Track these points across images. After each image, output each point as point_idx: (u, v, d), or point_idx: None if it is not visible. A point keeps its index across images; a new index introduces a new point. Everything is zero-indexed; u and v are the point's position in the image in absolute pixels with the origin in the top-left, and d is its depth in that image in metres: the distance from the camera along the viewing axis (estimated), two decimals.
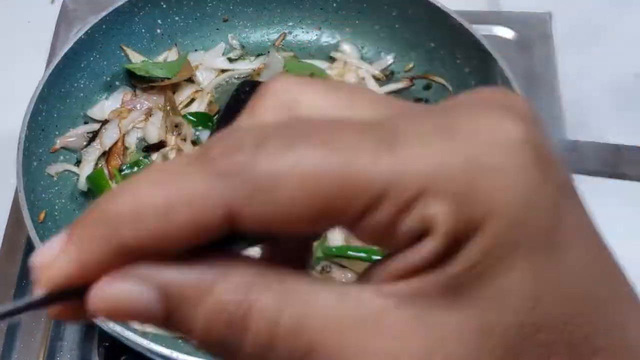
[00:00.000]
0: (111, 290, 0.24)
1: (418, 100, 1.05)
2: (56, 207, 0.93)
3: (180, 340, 0.85)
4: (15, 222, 1.02)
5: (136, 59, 1.06)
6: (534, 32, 1.22)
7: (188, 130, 0.99)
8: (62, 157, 0.98)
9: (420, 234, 0.23)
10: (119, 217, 0.23)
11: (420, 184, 0.22)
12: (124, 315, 0.24)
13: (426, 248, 0.23)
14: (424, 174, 0.22)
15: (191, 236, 0.23)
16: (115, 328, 0.78)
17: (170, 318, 0.24)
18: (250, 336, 0.23)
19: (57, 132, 0.98)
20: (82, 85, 1.01)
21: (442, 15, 1.01)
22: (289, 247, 0.30)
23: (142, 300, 0.24)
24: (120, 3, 1.02)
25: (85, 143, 0.99)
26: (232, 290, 0.24)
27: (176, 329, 0.25)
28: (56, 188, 0.95)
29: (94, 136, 0.99)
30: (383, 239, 0.25)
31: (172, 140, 1.00)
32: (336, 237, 0.89)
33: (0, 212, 1.03)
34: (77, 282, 0.24)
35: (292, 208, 0.23)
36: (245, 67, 1.09)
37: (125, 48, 1.05)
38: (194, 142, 1.00)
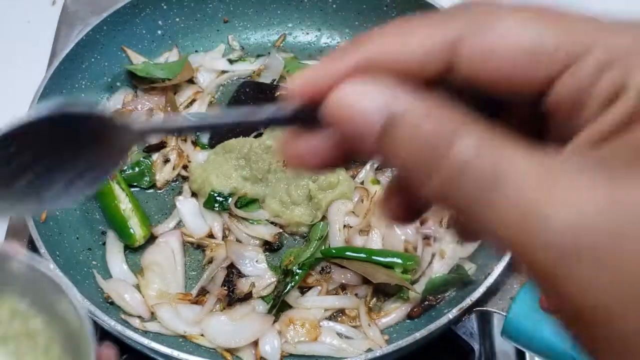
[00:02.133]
0: (346, 89, 0.29)
1: None
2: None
3: (180, 340, 0.86)
4: (17, 222, 1.02)
5: (137, 59, 1.06)
6: None
7: None
8: None
9: (611, 99, 0.26)
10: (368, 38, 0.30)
11: (616, 53, 0.26)
12: (348, 122, 0.29)
13: (617, 109, 0.26)
14: (621, 45, 0.26)
15: (421, 60, 0.29)
16: (116, 327, 0.78)
17: (382, 136, 0.28)
18: (445, 163, 0.27)
19: None
20: (83, 86, 1.02)
21: None
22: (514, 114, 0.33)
23: (368, 107, 0.28)
24: (121, 4, 1.02)
25: None
26: (442, 124, 0.28)
27: (379, 148, 0.29)
28: None
29: None
30: (574, 106, 0.27)
31: (172, 140, 1.00)
32: (336, 239, 0.90)
33: None
34: (320, 93, 0.29)
35: (503, 54, 0.28)
36: (245, 68, 1.09)
37: (126, 49, 1.06)
38: (194, 143, 1.00)
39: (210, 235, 0.93)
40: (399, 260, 0.85)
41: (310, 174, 0.32)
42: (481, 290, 0.78)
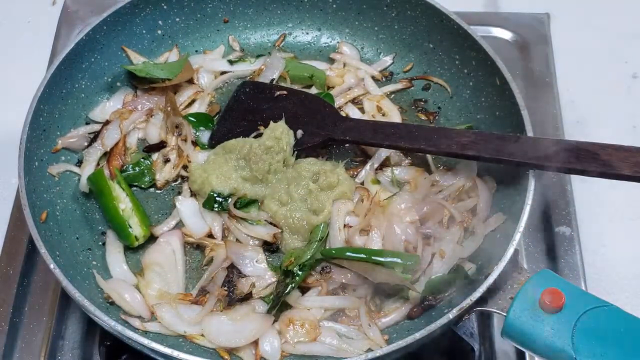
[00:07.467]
0: None
1: (417, 100, 1.06)
2: (58, 207, 0.94)
3: (180, 340, 0.86)
4: (17, 222, 1.02)
5: (137, 60, 1.06)
6: (532, 33, 1.23)
7: (188, 130, 1.00)
8: (63, 158, 0.98)
9: None
10: None
11: None
12: None
13: None
14: None
15: None
16: (116, 327, 0.78)
17: None
18: None
19: (58, 133, 0.98)
20: (83, 86, 1.02)
21: (440, 17, 1.02)
22: None
23: None
24: (121, 4, 1.02)
25: (86, 143, 0.99)
26: None
27: None
28: (57, 188, 0.95)
29: (95, 137, 1.00)
30: None
31: (172, 140, 1.00)
32: (337, 239, 0.90)
33: (2, 212, 1.04)
34: None
35: None
36: (245, 68, 1.09)
37: (126, 49, 1.06)
38: (195, 143, 1.00)
39: (210, 236, 0.93)
40: (399, 260, 0.85)
41: None
42: (481, 290, 0.78)
